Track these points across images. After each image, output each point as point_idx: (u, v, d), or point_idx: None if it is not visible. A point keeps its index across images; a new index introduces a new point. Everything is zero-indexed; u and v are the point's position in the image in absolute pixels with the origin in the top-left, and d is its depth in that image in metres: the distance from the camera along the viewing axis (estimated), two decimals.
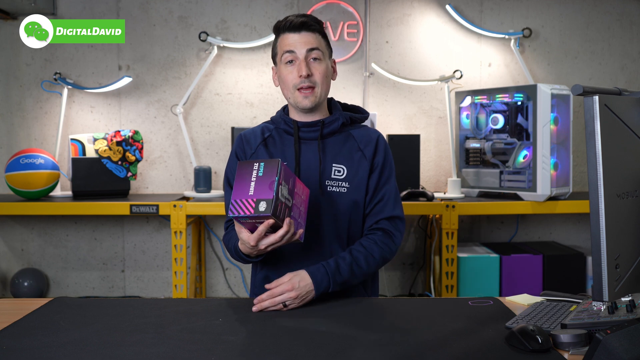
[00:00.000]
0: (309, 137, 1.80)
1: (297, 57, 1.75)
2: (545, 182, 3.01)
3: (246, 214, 1.48)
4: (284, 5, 3.51)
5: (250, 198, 1.48)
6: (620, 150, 1.22)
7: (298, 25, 1.76)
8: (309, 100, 1.77)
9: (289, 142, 1.82)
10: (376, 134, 1.85)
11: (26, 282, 3.43)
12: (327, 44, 1.82)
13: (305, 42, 1.75)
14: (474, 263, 3.15)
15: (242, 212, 1.48)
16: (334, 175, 1.78)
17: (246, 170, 1.53)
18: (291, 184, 1.56)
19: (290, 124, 1.81)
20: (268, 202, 1.47)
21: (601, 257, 1.17)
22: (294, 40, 1.76)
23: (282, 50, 1.77)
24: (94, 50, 3.50)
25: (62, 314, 1.52)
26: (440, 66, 3.56)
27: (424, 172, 3.53)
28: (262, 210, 1.47)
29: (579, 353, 1.23)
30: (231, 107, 3.53)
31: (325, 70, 1.78)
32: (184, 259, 3.08)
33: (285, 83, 1.79)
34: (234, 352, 1.27)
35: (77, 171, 3.15)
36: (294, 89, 1.77)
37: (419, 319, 1.50)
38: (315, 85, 1.76)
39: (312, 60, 1.76)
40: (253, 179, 1.50)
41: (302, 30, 1.76)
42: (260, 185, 1.49)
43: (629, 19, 3.63)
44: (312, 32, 1.77)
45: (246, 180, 1.50)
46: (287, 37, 1.77)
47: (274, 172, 1.49)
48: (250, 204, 1.48)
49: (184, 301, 1.97)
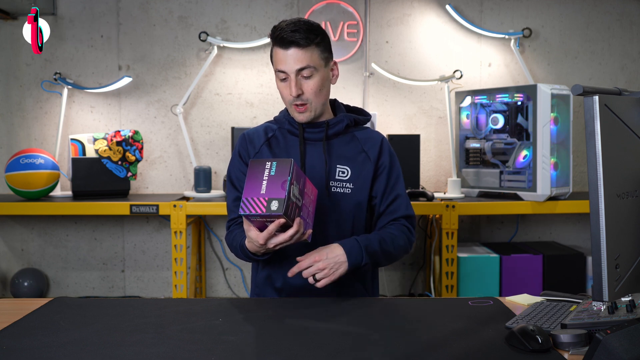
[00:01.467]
0: (313, 138, 1.80)
1: (288, 75, 1.72)
2: (545, 182, 3.01)
3: (257, 213, 1.48)
4: (284, 5, 3.51)
5: (262, 197, 1.48)
6: (620, 150, 1.22)
7: (288, 42, 1.69)
8: (304, 116, 1.76)
9: (294, 143, 1.81)
10: (380, 136, 1.86)
11: (26, 282, 3.43)
12: (322, 51, 1.74)
13: (295, 61, 1.70)
14: (474, 263, 3.15)
15: (254, 211, 1.48)
16: (338, 177, 1.78)
17: (258, 168, 1.52)
18: (302, 184, 1.56)
19: (295, 124, 1.81)
20: (280, 201, 1.47)
21: (601, 257, 1.17)
22: (284, 58, 1.71)
23: (275, 65, 1.75)
24: (94, 50, 3.50)
25: (62, 314, 1.52)
26: (440, 66, 3.56)
27: (424, 172, 3.53)
28: (274, 210, 1.47)
29: (579, 353, 1.23)
30: (231, 107, 3.53)
31: (317, 84, 1.73)
32: (184, 259, 3.08)
33: (281, 96, 1.79)
34: (234, 352, 1.26)
35: (77, 171, 3.15)
36: (290, 104, 1.77)
37: (419, 319, 1.49)
38: (307, 102, 1.74)
39: (303, 78, 1.72)
40: (265, 178, 1.50)
41: (291, 47, 1.70)
42: (273, 184, 1.49)
43: (629, 19, 3.63)
44: (302, 49, 1.70)
45: (258, 179, 1.50)
46: (277, 52, 1.73)
47: (287, 172, 1.49)
48: (262, 202, 1.48)
49: (184, 301, 1.97)
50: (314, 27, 1.73)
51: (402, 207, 1.83)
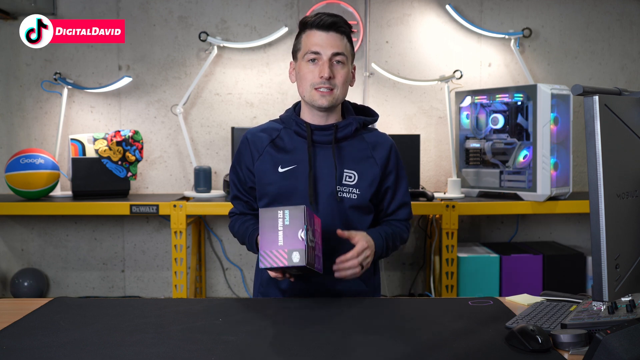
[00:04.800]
0: (322, 141, 1.77)
1: (321, 57, 1.71)
2: (545, 182, 3.01)
3: (279, 266, 1.49)
4: (284, 5, 3.51)
5: (282, 249, 1.48)
6: (620, 150, 1.22)
7: (328, 25, 1.70)
8: (326, 99, 1.73)
9: (301, 145, 1.77)
10: (389, 142, 1.84)
11: (26, 282, 3.43)
12: (351, 49, 1.78)
13: (332, 45, 1.71)
14: (474, 263, 3.15)
15: (274, 264, 1.49)
16: (345, 181, 1.76)
17: (271, 219, 1.51)
18: (312, 224, 1.56)
19: (302, 125, 1.77)
20: (301, 252, 1.47)
21: (601, 257, 1.17)
22: (321, 40, 1.71)
23: (307, 48, 1.72)
24: (94, 50, 3.50)
25: (62, 314, 1.52)
26: (440, 66, 3.56)
27: (424, 172, 3.53)
28: (296, 262, 1.47)
29: (579, 353, 1.23)
30: (231, 107, 3.53)
31: (346, 74, 1.75)
32: (184, 259, 3.08)
33: (304, 80, 1.74)
34: (234, 352, 1.26)
35: (77, 171, 3.15)
36: (312, 88, 1.73)
37: (419, 319, 1.49)
38: (335, 87, 1.73)
39: (336, 63, 1.72)
40: (280, 228, 1.49)
41: (331, 30, 1.71)
42: (289, 234, 1.48)
43: (629, 19, 3.63)
44: (341, 35, 1.72)
45: (273, 230, 1.50)
46: (314, 35, 1.72)
47: (302, 221, 1.49)
48: (282, 255, 1.48)
49: (184, 301, 1.97)
50: (348, 23, 1.77)
51: (405, 213, 1.87)
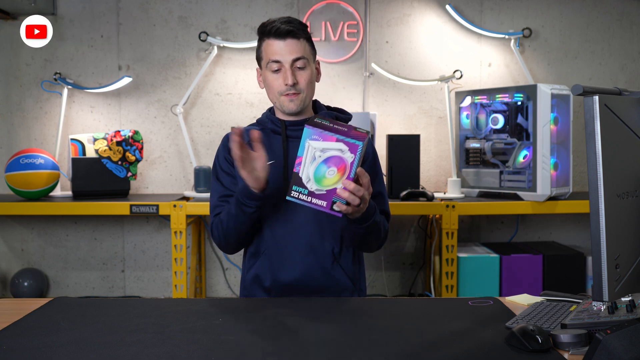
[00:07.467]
0: (297, 136, 1.81)
1: (282, 65, 1.76)
2: (545, 182, 3.01)
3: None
4: (284, 5, 3.51)
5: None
6: (620, 150, 1.22)
7: (284, 33, 1.75)
8: (294, 103, 1.79)
9: (277, 141, 1.84)
10: None
11: (26, 282, 3.43)
12: (311, 47, 1.83)
13: (291, 51, 1.76)
14: (474, 263, 3.15)
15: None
16: None
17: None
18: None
19: (277, 123, 1.84)
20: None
21: (601, 257, 1.17)
22: (280, 49, 1.76)
23: (268, 57, 1.78)
24: (94, 50, 3.50)
25: (62, 314, 1.52)
26: (440, 66, 3.56)
27: (424, 172, 3.53)
28: None
29: (579, 353, 1.23)
30: (231, 107, 3.53)
31: (310, 76, 1.80)
32: (184, 259, 3.08)
33: (270, 88, 1.81)
34: (234, 352, 1.27)
35: (77, 171, 3.15)
36: (279, 95, 1.79)
37: (419, 319, 1.50)
38: (301, 91, 1.79)
39: (298, 69, 1.77)
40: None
41: (288, 37, 1.76)
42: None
43: (629, 19, 3.62)
44: (298, 40, 1.77)
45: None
46: (272, 44, 1.77)
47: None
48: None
49: (184, 301, 1.97)
50: (303, 23, 1.82)
51: (383, 204, 1.86)
